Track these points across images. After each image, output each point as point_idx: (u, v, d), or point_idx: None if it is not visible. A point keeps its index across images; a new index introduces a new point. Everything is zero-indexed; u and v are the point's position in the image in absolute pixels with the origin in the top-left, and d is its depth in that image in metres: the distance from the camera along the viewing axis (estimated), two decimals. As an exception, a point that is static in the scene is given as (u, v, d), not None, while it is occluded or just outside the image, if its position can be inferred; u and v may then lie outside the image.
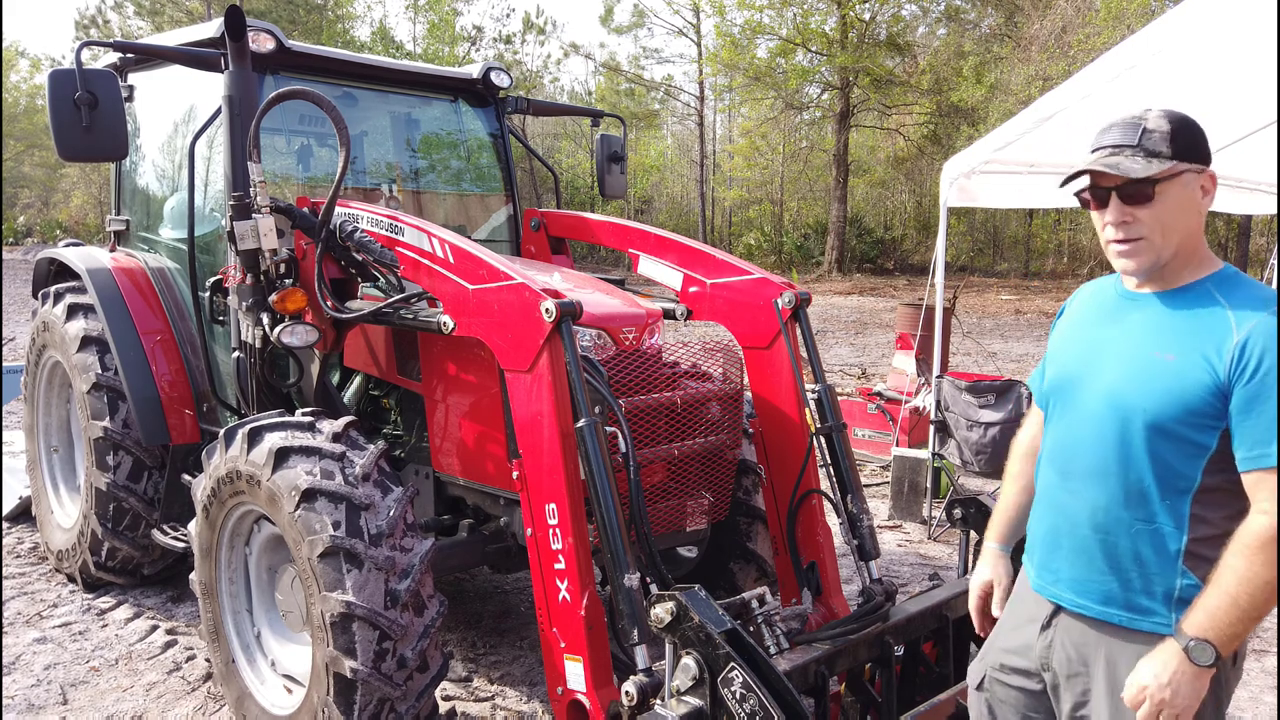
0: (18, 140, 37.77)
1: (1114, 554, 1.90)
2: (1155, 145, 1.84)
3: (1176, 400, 1.81)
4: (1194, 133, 1.86)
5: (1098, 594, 1.93)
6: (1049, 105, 5.43)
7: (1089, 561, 1.94)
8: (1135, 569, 1.87)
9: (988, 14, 30.27)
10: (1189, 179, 1.85)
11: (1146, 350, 1.88)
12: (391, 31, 34.10)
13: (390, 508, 3.11)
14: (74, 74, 3.58)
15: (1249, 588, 1.71)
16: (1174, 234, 1.87)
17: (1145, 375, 1.86)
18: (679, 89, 37.27)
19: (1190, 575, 1.83)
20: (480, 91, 5.07)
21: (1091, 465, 1.94)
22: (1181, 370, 1.81)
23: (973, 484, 7.13)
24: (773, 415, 3.54)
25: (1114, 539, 1.90)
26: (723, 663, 2.27)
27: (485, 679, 4.18)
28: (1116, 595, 1.90)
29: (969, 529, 3.25)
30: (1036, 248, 31.75)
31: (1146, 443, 1.85)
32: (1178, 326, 1.86)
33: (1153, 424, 1.84)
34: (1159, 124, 1.86)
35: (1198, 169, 1.86)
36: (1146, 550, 1.86)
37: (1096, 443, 1.93)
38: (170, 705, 3.90)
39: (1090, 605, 1.94)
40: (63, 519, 5.22)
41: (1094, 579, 1.93)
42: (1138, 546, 1.87)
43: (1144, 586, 1.87)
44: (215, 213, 4.35)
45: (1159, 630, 1.85)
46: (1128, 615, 1.89)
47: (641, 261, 4.01)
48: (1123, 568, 1.89)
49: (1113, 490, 1.90)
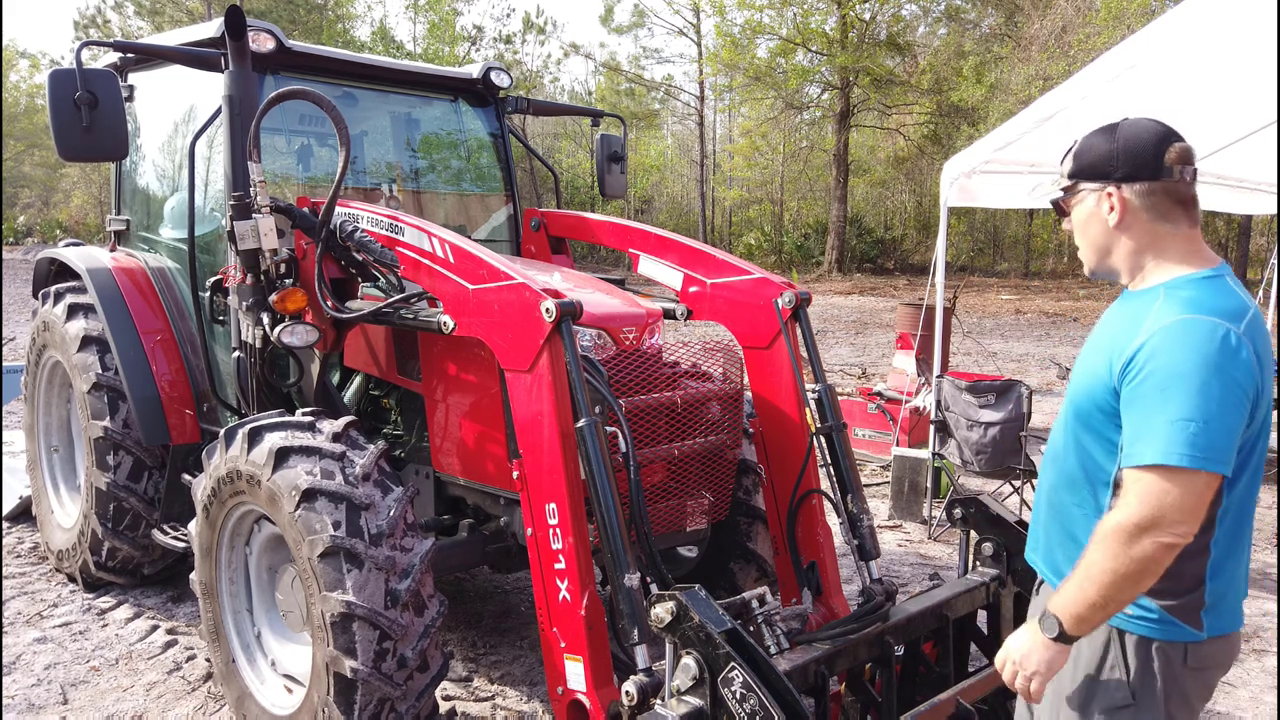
0: (18, 140, 37.78)
1: (1059, 531, 2.08)
2: (1065, 165, 2.04)
3: (1089, 396, 1.96)
4: (1094, 152, 1.97)
5: (1052, 566, 2.11)
6: (1049, 105, 5.44)
7: (1047, 536, 2.14)
8: (1073, 547, 2.01)
9: (988, 14, 30.30)
10: (1087, 196, 2.00)
11: (1091, 347, 2.04)
12: (391, 31, 34.14)
13: (390, 507, 3.11)
14: (74, 74, 3.58)
15: (1094, 574, 1.81)
16: (1086, 246, 2.05)
17: (1081, 370, 2.02)
18: (679, 89, 37.33)
19: None
20: (480, 91, 5.07)
21: (1050, 449, 2.14)
22: (1095, 367, 1.95)
23: (973, 484, 7.13)
24: (773, 415, 3.54)
25: (1058, 517, 2.09)
26: (723, 662, 2.27)
27: (485, 679, 4.18)
28: (1060, 568, 2.06)
29: (969, 529, 3.25)
30: (1037, 247, 31.75)
31: (1074, 433, 2.02)
32: (1116, 325, 1.97)
33: (1077, 416, 2.01)
34: (1078, 142, 2.02)
35: (1096, 186, 1.97)
36: (1079, 531, 2.01)
37: (1056, 430, 2.13)
38: (170, 705, 3.90)
39: (1048, 575, 2.13)
40: (63, 519, 5.22)
41: (1051, 551, 2.12)
42: (1072, 526, 2.04)
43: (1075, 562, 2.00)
44: (215, 212, 4.35)
45: None
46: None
47: (641, 261, 4.01)
48: (1064, 544, 2.06)
49: (1057, 473, 2.09)
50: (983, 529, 3.20)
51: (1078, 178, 2.00)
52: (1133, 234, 1.96)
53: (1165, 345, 1.80)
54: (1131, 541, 1.76)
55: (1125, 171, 1.93)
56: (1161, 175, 1.91)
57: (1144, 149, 1.92)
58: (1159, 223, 1.94)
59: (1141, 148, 1.92)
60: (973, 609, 3.18)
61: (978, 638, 3.31)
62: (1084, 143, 2.00)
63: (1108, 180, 1.95)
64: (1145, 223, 1.94)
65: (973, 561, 3.28)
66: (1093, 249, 2.03)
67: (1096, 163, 1.96)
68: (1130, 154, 1.93)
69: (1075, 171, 2.00)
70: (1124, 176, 1.93)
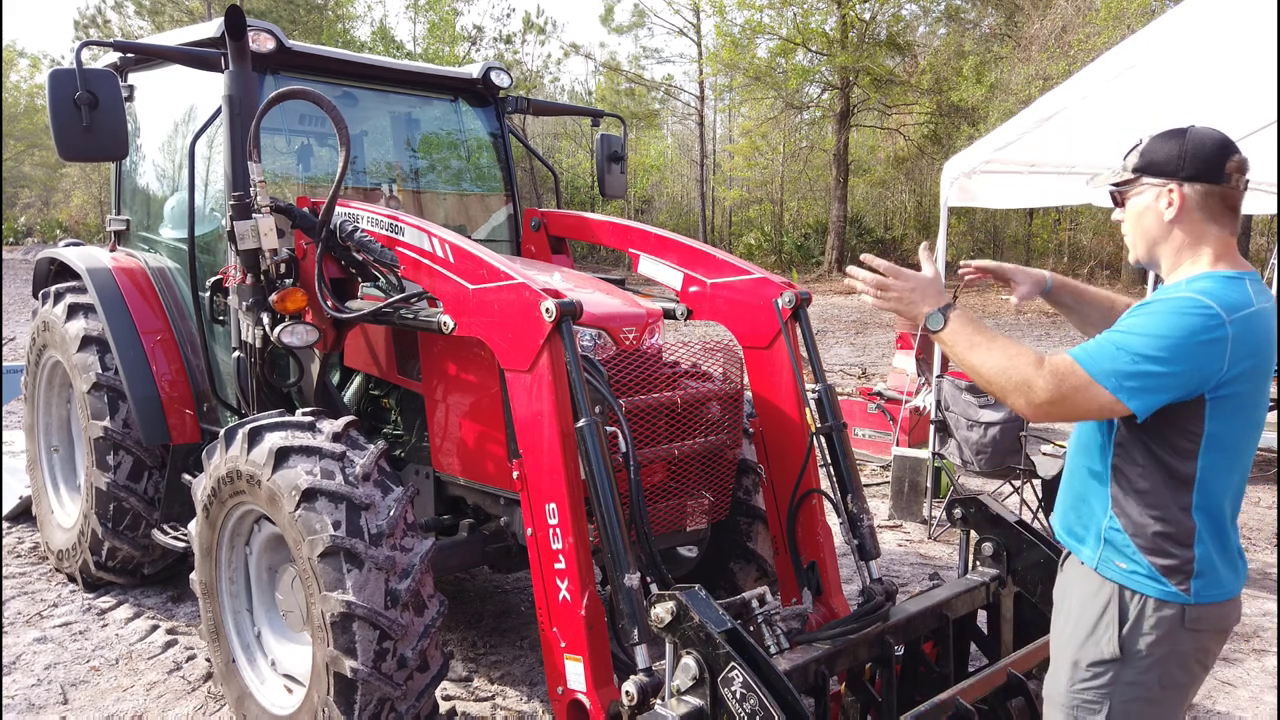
0: (18, 140, 37.75)
1: (1072, 494, 2.23)
2: (1129, 161, 2.16)
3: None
4: (1164, 152, 2.09)
5: (1067, 528, 2.24)
6: (1049, 105, 5.44)
7: (1062, 500, 2.28)
8: (1084, 507, 2.18)
9: (988, 14, 30.27)
10: (1148, 190, 2.12)
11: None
12: (392, 31, 34.10)
13: (390, 507, 3.11)
14: (74, 74, 3.58)
15: (994, 353, 2.05)
16: (1138, 237, 2.17)
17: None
18: (679, 89, 37.29)
19: (1115, 520, 2.09)
20: (480, 91, 5.07)
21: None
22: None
23: (973, 483, 7.13)
24: (773, 415, 3.54)
25: (1072, 481, 2.24)
26: (723, 662, 2.27)
27: (485, 679, 4.18)
28: (1074, 529, 2.21)
29: (969, 529, 3.25)
30: (1037, 247, 31.71)
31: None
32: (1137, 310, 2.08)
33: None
34: (1145, 141, 2.14)
35: (1159, 183, 2.09)
36: (1089, 493, 2.17)
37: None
38: (170, 705, 3.90)
39: (1065, 538, 2.25)
40: (63, 519, 5.22)
41: (1065, 514, 2.26)
42: (1085, 489, 2.18)
43: (1084, 522, 2.18)
44: (215, 212, 4.35)
45: (1087, 561, 2.14)
46: (1074, 544, 2.21)
47: (642, 261, 4.01)
48: (1076, 506, 2.21)
49: (1075, 439, 2.24)
50: (983, 529, 3.20)
51: (1142, 173, 2.12)
52: (1183, 229, 2.09)
53: (1153, 305, 2.00)
54: (1025, 378, 1.99)
55: (1190, 172, 2.06)
56: (1220, 180, 2.05)
57: (1209, 154, 2.06)
58: (1208, 223, 2.08)
59: (1207, 153, 2.06)
60: (973, 609, 3.18)
61: (978, 638, 3.31)
62: (1152, 143, 2.13)
63: (1172, 178, 2.08)
64: (1196, 221, 2.08)
65: (973, 561, 3.28)
66: (1143, 239, 2.16)
67: (1163, 161, 2.09)
68: (1197, 157, 2.06)
69: (1141, 167, 2.13)
70: (1188, 176, 2.06)
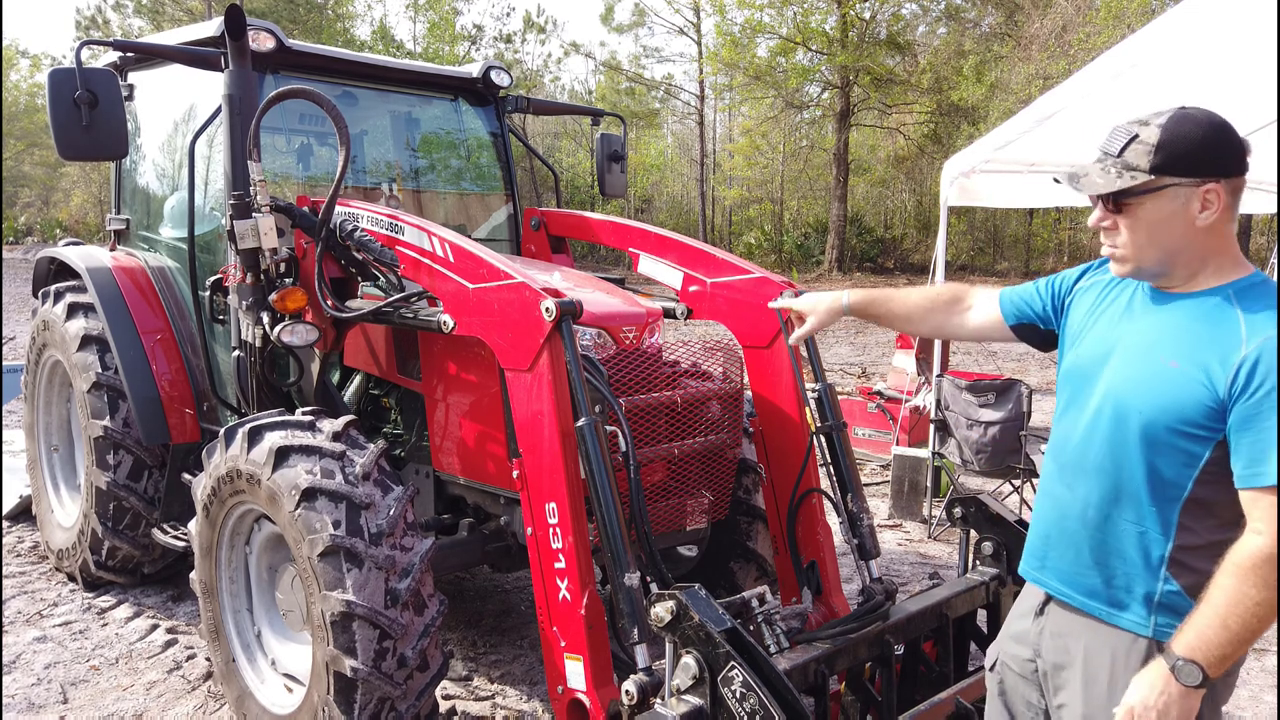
0: (18, 139, 37.76)
1: (1101, 550, 1.92)
2: (1135, 158, 1.79)
3: (1173, 408, 1.79)
4: (1190, 144, 1.76)
5: (1082, 586, 1.95)
6: (1049, 104, 5.44)
7: (1077, 555, 1.96)
8: (1120, 567, 1.89)
9: (988, 13, 30.27)
10: (1175, 192, 1.77)
11: (1154, 353, 1.85)
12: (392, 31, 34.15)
13: (390, 507, 3.11)
14: (74, 73, 3.58)
15: (1239, 609, 1.68)
16: (1153, 247, 1.82)
17: (1147, 378, 1.84)
18: (679, 88, 37.28)
19: (1172, 581, 1.83)
20: (480, 91, 5.07)
21: (1088, 462, 1.95)
22: (1182, 378, 1.78)
23: (973, 483, 7.13)
24: (773, 414, 3.53)
25: (1102, 536, 1.91)
26: (723, 661, 2.27)
27: (485, 678, 4.18)
28: (1099, 590, 1.92)
29: (969, 528, 3.25)
30: (1037, 247, 31.72)
31: (1140, 446, 1.84)
32: (1188, 332, 1.81)
33: (1147, 428, 1.82)
34: (1150, 135, 1.78)
35: (1192, 183, 1.76)
36: (1131, 551, 1.87)
37: (1094, 440, 1.93)
38: (170, 704, 3.90)
39: (1074, 596, 1.97)
40: (63, 518, 5.22)
41: (1080, 572, 1.95)
42: (1123, 546, 1.88)
43: (1125, 585, 1.89)
44: (215, 212, 4.35)
45: (1134, 629, 1.87)
46: (1107, 610, 1.92)
47: (642, 261, 4.01)
48: (1108, 564, 1.91)
49: (1105, 489, 1.91)
50: (983, 528, 3.20)
51: (1164, 173, 1.76)
52: (1214, 234, 1.79)
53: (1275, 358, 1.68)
54: (1264, 576, 1.65)
55: (1226, 167, 1.75)
56: (1245, 169, 1.78)
57: (1235, 142, 1.76)
58: (1230, 222, 1.80)
59: (1232, 140, 1.76)
60: (973, 608, 3.18)
61: (977, 637, 3.31)
62: (1171, 132, 1.76)
63: (1209, 176, 1.75)
64: (1226, 221, 1.79)
65: (973, 560, 3.28)
66: (1161, 249, 1.82)
67: (1191, 155, 1.75)
68: (1228, 147, 1.76)
69: (1162, 166, 1.76)
70: (1225, 172, 1.75)
